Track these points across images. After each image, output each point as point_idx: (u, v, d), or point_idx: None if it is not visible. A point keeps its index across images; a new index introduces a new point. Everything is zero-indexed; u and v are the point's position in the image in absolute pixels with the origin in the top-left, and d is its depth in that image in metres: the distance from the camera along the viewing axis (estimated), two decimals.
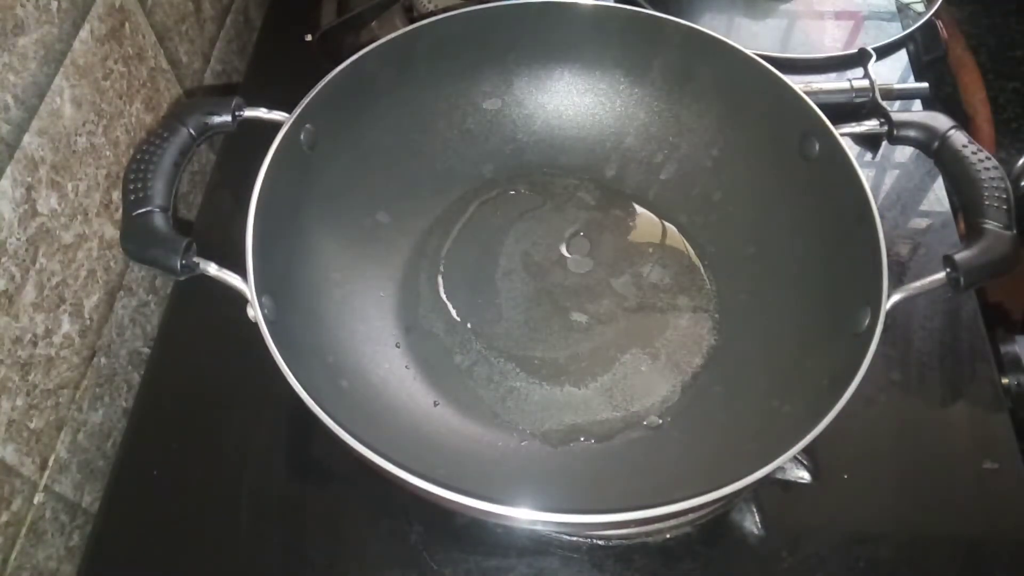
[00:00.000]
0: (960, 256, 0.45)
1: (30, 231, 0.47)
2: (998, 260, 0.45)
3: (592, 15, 0.60)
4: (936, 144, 0.50)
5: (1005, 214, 0.46)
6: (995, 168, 0.48)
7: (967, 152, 0.49)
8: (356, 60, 0.54)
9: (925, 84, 0.71)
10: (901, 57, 0.76)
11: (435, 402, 0.53)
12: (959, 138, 0.50)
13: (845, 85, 0.70)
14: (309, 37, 0.72)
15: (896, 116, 0.52)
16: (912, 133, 0.51)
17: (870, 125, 0.53)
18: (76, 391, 0.53)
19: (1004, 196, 0.46)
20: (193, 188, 0.70)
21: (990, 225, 0.46)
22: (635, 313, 0.58)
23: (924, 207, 0.66)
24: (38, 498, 0.49)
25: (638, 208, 0.64)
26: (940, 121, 0.51)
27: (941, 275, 0.45)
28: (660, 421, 0.53)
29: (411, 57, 0.57)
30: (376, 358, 0.54)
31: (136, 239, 0.45)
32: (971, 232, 0.46)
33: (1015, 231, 0.46)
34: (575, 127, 0.65)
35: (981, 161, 0.48)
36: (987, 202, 0.46)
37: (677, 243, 0.62)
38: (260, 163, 0.48)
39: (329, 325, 0.52)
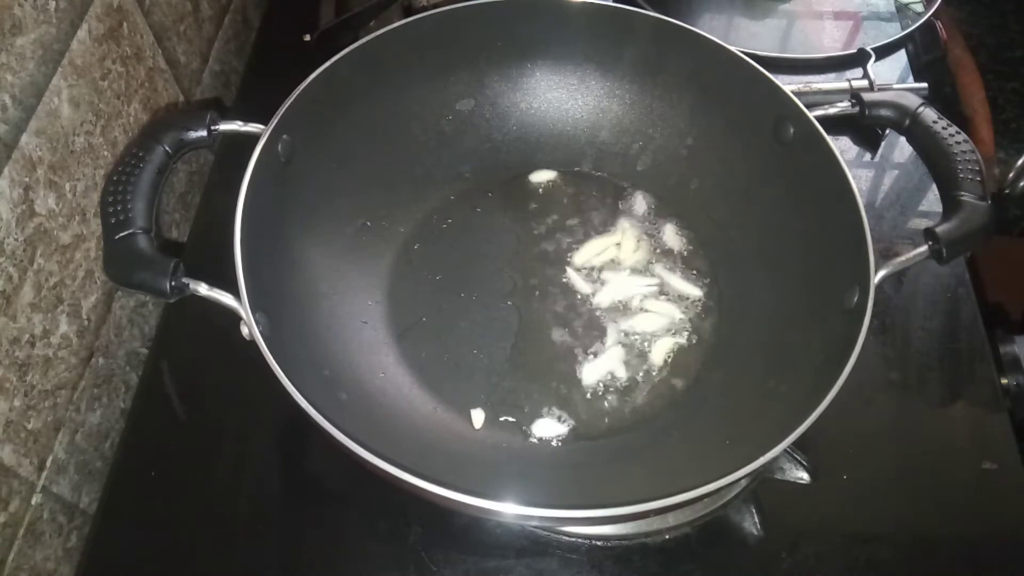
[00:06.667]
0: (940, 228, 0.46)
1: (28, 231, 0.47)
2: (976, 230, 0.46)
3: (561, 10, 0.60)
4: (907, 122, 0.51)
5: (979, 185, 0.47)
6: (966, 142, 0.49)
7: (938, 128, 0.50)
8: (329, 67, 0.53)
9: (924, 84, 0.71)
10: (900, 57, 0.76)
11: (435, 407, 0.53)
12: (929, 115, 0.50)
13: (844, 85, 0.70)
14: (308, 37, 0.72)
15: (867, 96, 0.53)
16: (883, 112, 0.52)
17: (842, 106, 0.53)
18: (74, 392, 0.53)
19: (977, 168, 0.47)
20: (191, 188, 0.70)
21: (966, 197, 0.47)
22: (628, 304, 0.58)
23: (924, 207, 0.66)
24: (36, 499, 0.49)
25: (619, 200, 0.64)
26: (910, 99, 0.51)
27: (924, 248, 0.46)
28: (663, 411, 0.53)
29: (383, 61, 0.57)
30: (372, 367, 0.54)
31: (120, 263, 0.44)
32: (948, 204, 0.47)
33: (990, 201, 0.47)
34: (549, 123, 0.65)
35: (952, 136, 0.49)
36: (961, 175, 0.47)
37: (661, 232, 0.62)
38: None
39: (322, 338, 0.52)
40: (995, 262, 0.71)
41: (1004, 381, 0.57)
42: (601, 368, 0.55)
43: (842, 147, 0.68)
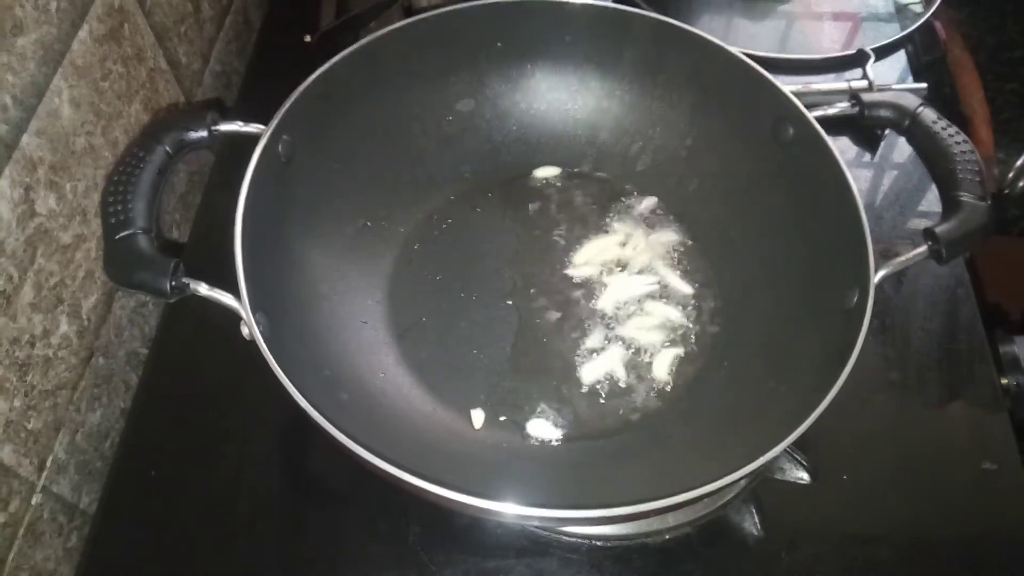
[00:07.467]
0: (940, 228, 0.46)
1: (28, 231, 0.47)
2: (976, 230, 0.46)
3: (561, 10, 0.60)
4: (907, 122, 0.51)
5: (979, 185, 0.47)
6: (966, 142, 0.49)
7: (938, 128, 0.50)
8: (329, 68, 0.53)
9: (923, 84, 0.71)
10: (900, 58, 0.76)
11: (435, 407, 0.53)
12: (929, 115, 0.50)
13: (843, 86, 0.70)
14: (308, 38, 0.72)
15: (866, 97, 0.53)
16: (883, 112, 0.52)
17: (842, 107, 0.53)
18: (74, 392, 0.53)
19: (977, 168, 0.48)
20: (192, 188, 0.70)
21: (966, 197, 0.47)
22: (627, 304, 0.58)
23: (923, 207, 0.66)
24: (36, 499, 0.49)
25: (619, 200, 0.64)
26: (909, 99, 0.52)
27: (923, 248, 0.46)
28: (663, 411, 0.53)
29: (383, 62, 0.57)
30: (372, 368, 0.54)
31: (120, 263, 0.44)
32: (948, 205, 0.48)
33: (990, 201, 0.47)
34: (550, 124, 0.65)
35: (952, 136, 0.49)
36: (961, 175, 0.47)
37: (661, 233, 0.62)
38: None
39: (322, 338, 0.52)
40: (995, 262, 0.71)
41: (1004, 381, 0.57)
42: (601, 368, 0.55)
43: (842, 147, 0.68)
